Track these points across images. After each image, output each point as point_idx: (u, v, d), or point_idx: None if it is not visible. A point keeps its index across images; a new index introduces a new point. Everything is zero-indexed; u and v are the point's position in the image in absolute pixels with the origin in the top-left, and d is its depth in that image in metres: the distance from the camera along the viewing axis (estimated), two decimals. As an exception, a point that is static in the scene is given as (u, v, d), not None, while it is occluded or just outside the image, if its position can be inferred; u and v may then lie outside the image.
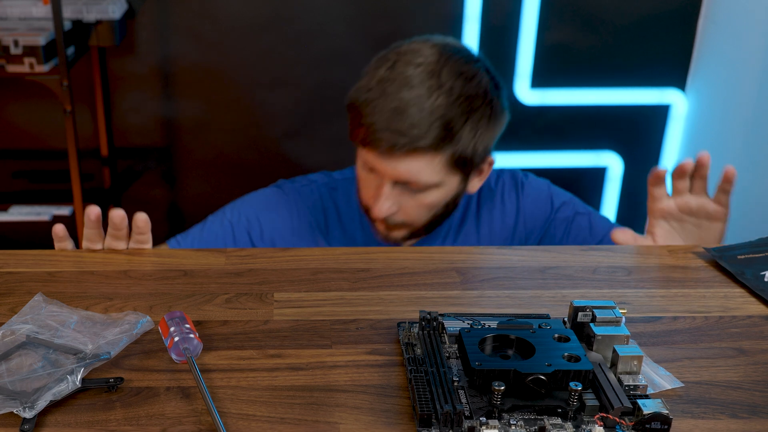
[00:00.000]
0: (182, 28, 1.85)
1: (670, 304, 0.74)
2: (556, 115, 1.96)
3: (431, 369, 0.59)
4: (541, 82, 1.91)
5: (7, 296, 0.72)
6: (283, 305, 0.72)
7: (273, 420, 0.56)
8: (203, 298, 0.73)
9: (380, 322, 0.70)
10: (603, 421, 0.54)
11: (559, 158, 1.99)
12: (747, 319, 0.72)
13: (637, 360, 0.58)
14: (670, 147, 2.00)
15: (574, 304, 0.64)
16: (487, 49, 1.86)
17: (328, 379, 0.61)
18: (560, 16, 1.88)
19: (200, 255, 0.82)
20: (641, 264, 0.83)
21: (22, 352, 0.62)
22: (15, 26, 1.63)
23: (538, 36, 1.87)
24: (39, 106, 1.88)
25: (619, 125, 1.99)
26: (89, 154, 1.90)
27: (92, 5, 1.69)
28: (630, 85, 1.95)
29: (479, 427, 0.53)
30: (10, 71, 1.57)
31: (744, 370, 0.64)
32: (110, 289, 0.75)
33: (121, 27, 1.75)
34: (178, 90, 1.91)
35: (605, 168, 2.02)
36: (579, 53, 1.92)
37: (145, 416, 0.57)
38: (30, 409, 0.55)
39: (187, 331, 0.63)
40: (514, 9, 1.84)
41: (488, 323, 0.65)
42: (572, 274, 0.80)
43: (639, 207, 2.06)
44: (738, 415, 0.58)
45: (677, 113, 1.97)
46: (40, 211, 1.89)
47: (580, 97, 1.95)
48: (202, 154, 1.96)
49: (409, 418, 0.57)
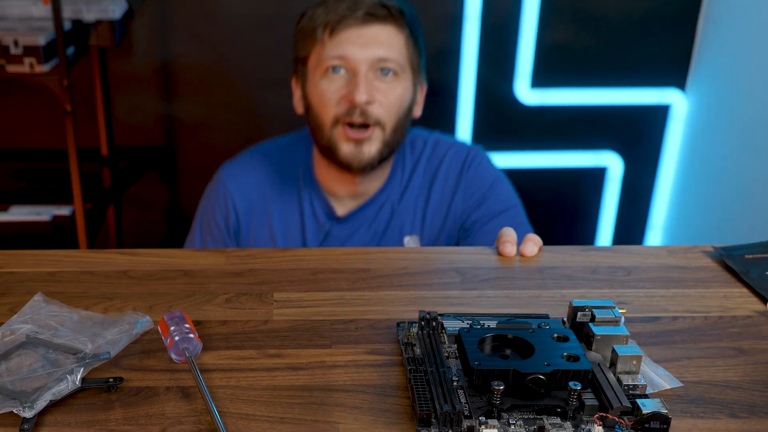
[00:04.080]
0: (182, 28, 1.85)
1: (670, 304, 0.74)
2: (556, 115, 1.96)
3: (431, 369, 0.59)
4: (541, 82, 1.91)
5: (7, 296, 0.72)
6: (282, 305, 0.72)
7: (273, 420, 0.56)
8: (203, 298, 0.73)
9: (380, 322, 0.70)
10: (602, 421, 0.55)
11: (559, 158, 1.99)
12: (746, 318, 0.72)
13: (637, 360, 0.59)
14: (670, 147, 2.00)
15: (574, 304, 0.64)
16: (487, 49, 1.86)
17: (328, 379, 0.61)
18: (560, 16, 1.88)
19: (200, 255, 0.82)
20: (641, 264, 0.83)
21: (22, 352, 0.62)
22: (15, 26, 1.62)
23: (538, 36, 1.87)
24: (39, 106, 1.88)
25: (619, 125, 1.99)
26: (89, 154, 1.90)
27: (92, 5, 1.69)
28: (630, 85, 1.95)
29: (478, 426, 0.53)
30: (10, 71, 1.57)
31: (743, 369, 0.64)
32: (110, 289, 0.75)
33: (120, 27, 1.75)
34: (178, 90, 1.91)
35: (605, 168, 2.02)
36: (579, 53, 1.92)
37: (144, 416, 0.57)
38: (30, 409, 0.55)
39: (187, 330, 0.63)
40: (514, 9, 1.84)
41: (487, 323, 0.65)
42: (571, 274, 0.80)
43: (639, 207, 2.06)
44: (737, 414, 0.58)
45: (677, 113, 1.97)
46: (40, 211, 1.89)
47: (580, 97, 1.94)
48: (202, 154, 1.96)
49: (409, 418, 0.57)
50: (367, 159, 1.13)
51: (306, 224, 1.19)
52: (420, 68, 1.18)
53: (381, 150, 1.14)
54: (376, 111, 1.11)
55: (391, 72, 1.12)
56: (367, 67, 1.10)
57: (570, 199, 2.03)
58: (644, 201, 2.07)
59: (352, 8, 1.10)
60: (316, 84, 1.13)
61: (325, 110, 1.13)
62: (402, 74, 1.13)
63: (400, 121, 1.15)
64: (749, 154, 1.74)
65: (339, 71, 1.11)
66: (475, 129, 1.91)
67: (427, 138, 1.25)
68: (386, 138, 1.14)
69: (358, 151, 1.13)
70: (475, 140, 1.89)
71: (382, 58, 1.11)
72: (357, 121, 1.11)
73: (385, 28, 1.12)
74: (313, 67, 1.14)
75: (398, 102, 1.13)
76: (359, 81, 1.10)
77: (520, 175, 1.93)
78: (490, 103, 1.91)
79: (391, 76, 1.12)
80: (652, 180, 2.04)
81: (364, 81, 1.10)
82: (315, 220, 1.19)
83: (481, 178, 1.22)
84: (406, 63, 1.14)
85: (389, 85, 1.12)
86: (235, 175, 1.23)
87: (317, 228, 1.19)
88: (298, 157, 1.23)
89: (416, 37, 1.16)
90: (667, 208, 2.06)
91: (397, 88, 1.13)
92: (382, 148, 1.14)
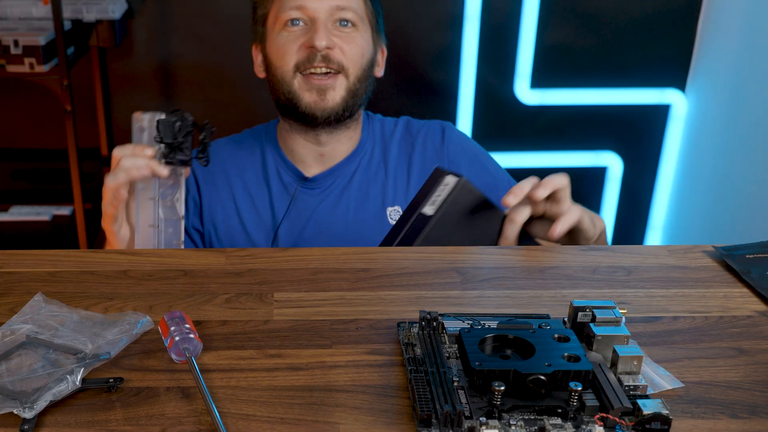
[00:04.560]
0: (182, 28, 1.85)
1: (670, 304, 0.74)
2: (556, 115, 1.96)
3: (431, 369, 0.59)
4: (541, 82, 1.91)
5: (7, 296, 0.72)
6: (283, 305, 0.72)
7: (273, 420, 0.56)
8: (203, 298, 0.73)
9: (380, 322, 0.70)
10: (603, 421, 0.54)
11: (559, 158, 1.99)
12: (747, 319, 0.72)
13: (637, 360, 0.58)
14: (669, 147, 2.00)
15: (574, 304, 0.64)
16: (487, 49, 1.86)
17: (328, 379, 0.61)
18: (560, 16, 1.88)
19: (200, 255, 0.82)
20: (641, 264, 0.83)
21: (22, 352, 0.62)
22: (15, 26, 1.63)
23: (538, 36, 1.87)
24: (39, 106, 1.88)
25: (619, 125, 1.99)
26: (89, 154, 1.90)
27: (92, 5, 1.69)
28: (630, 85, 1.95)
29: (479, 427, 0.53)
30: (10, 71, 1.57)
31: (744, 370, 0.64)
32: (110, 289, 0.75)
33: (121, 27, 1.75)
34: (178, 90, 1.91)
35: (605, 168, 2.02)
36: (579, 53, 1.92)
37: (145, 416, 0.57)
38: (30, 409, 0.55)
39: (187, 331, 0.63)
40: (514, 9, 1.84)
41: (488, 323, 0.65)
42: (572, 274, 0.80)
43: (639, 207, 2.06)
44: (738, 415, 0.58)
45: (677, 113, 1.97)
46: (40, 211, 1.89)
47: (580, 97, 1.95)
48: (202, 154, 1.96)
49: (409, 418, 0.57)
50: (331, 106, 1.11)
51: (272, 188, 1.16)
52: (378, 28, 1.18)
53: (345, 98, 1.12)
54: (337, 56, 1.10)
55: (349, 23, 1.12)
56: (326, 16, 1.10)
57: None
58: (644, 201, 2.07)
59: None
60: (276, 39, 1.13)
61: (285, 60, 1.11)
62: (361, 26, 1.13)
63: (363, 71, 1.13)
64: (749, 154, 1.74)
65: (298, 24, 1.11)
66: (475, 129, 1.91)
67: (398, 120, 1.25)
68: (350, 86, 1.12)
69: (321, 98, 1.11)
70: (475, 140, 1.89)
71: (340, 6, 1.10)
72: (319, 67, 1.10)
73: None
74: (272, 24, 1.13)
75: (359, 51, 1.13)
76: (318, 27, 1.09)
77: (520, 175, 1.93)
78: (490, 103, 1.91)
79: (350, 27, 1.12)
80: (652, 180, 2.04)
81: (323, 28, 1.09)
82: (281, 182, 1.17)
83: (463, 145, 1.23)
84: (364, 15, 1.14)
85: (349, 34, 1.12)
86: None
87: (282, 190, 1.16)
88: (261, 132, 1.23)
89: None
90: (667, 208, 2.06)
91: (357, 38, 1.12)
92: (346, 96, 1.12)
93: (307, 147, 1.17)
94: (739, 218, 1.78)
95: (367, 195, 1.17)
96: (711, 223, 1.88)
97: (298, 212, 1.15)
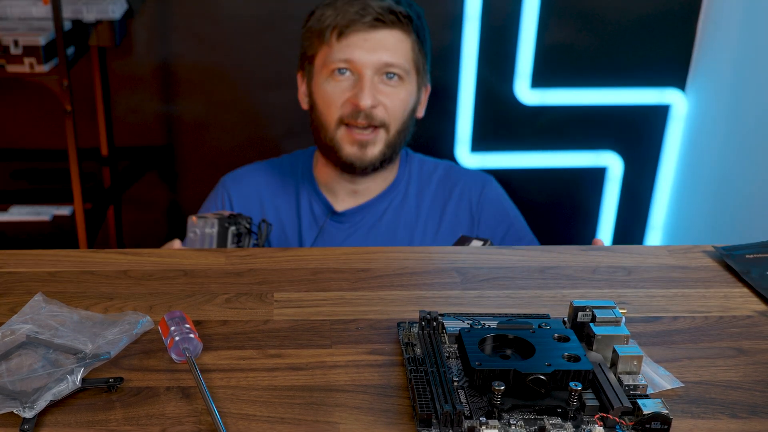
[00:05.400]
0: (182, 28, 1.85)
1: (670, 304, 0.74)
2: (556, 115, 1.96)
3: (431, 369, 0.59)
4: (541, 82, 1.91)
5: (7, 296, 0.72)
6: (283, 305, 0.72)
7: (273, 420, 0.56)
8: (203, 298, 0.73)
9: (380, 322, 0.70)
10: (603, 421, 0.54)
11: (559, 158, 1.99)
12: (747, 319, 0.72)
13: (637, 360, 0.58)
14: (670, 147, 2.00)
15: (574, 304, 0.64)
16: (487, 49, 1.86)
17: (328, 379, 0.61)
18: (560, 16, 1.88)
19: (200, 255, 0.82)
20: (641, 264, 0.83)
21: (22, 352, 0.62)
22: (15, 26, 1.62)
23: (538, 36, 1.87)
24: (39, 106, 1.88)
25: (619, 125, 1.99)
26: (89, 154, 1.90)
27: (92, 5, 1.68)
28: (630, 85, 1.95)
29: (479, 427, 0.53)
30: (10, 71, 1.57)
31: (744, 370, 0.64)
32: (110, 289, 0.75)
33: (120, 27, 1.74)
34: (178, 90, 1.91)
35: (605, 168, 2.02)
36: (579, 53, 1.92)
37: (145, 416, 0.57)
38: (30, 409, 0.55)
39: (187, 330, 0.63)
40: (514, 9, 1.84)
41: (488, 323, 0.65)
42: (572, 274, 0.80)
43: (639, 207, 2.06)
44: (738, 415, 0.58)
45: (677, 113, 1.97)
46: (40, 211, 1.89)
47: (580, 97, 1.94)
48: (202, 153, 1.96)
49: (409, 418, 0.57)
50: (369, 160, 1.14)
51: (302, 219, 1.19)
52: (425, 70, 1.19)
53: (384, 152, 1.15)
54: (380, 114, 1.12)
55: (396, 76, 1.13)
56: (373, 71, 1.11)
57: (570, 199, 2.03)
58: (644, 201, 2.07)
59: (361, 13, 1.10)
60: (322, 84, 1.14)
61: (330, 111, 1.13)
62: (407, 78, 1.14)
63: (404, 123, 1.15)
64: (749, 154, 1.74)
65: (345, 73, 1.12)
66: (475, 129, 1.91)
67: (439, 163, 1.26)
68: (390, 140, 1.14)
69: (361, 152, 1.13)
70: (475, 140, 1.90)
71: (388, 63, 1.11)
72: (361, 124, 1.11)
73: (392, 34, 1.12)
74: (320, 67, 1.14)
75: (402, 105, 1.14)
76: (364, 85, 1.10)
77: (520, 175, 1.93)
78: (490, 103, 1.91)
79: (396, 80, 1.13)
80: (652, 180, 2.04)
81: (369, 85, 1.11)
82: (311, 214, 1.19)
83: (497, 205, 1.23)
84: (411, 67, 1.15)
85: (394, 89, 1.13)
86: (234, 177, 1.25)
87: (312, 221, 1.19)
88: (298, 161, 1.25)
89: (423, 40, 1.16)
90: (667, 208, 2.06)
91: (401, 92, 1.14)
92: (384, 150, 1.15)
93: (341, 183, 1.19)
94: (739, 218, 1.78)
95: (395, 236, 1.19)
96: (711, 223, 1.88)
97: (324, 244, 1.17)
